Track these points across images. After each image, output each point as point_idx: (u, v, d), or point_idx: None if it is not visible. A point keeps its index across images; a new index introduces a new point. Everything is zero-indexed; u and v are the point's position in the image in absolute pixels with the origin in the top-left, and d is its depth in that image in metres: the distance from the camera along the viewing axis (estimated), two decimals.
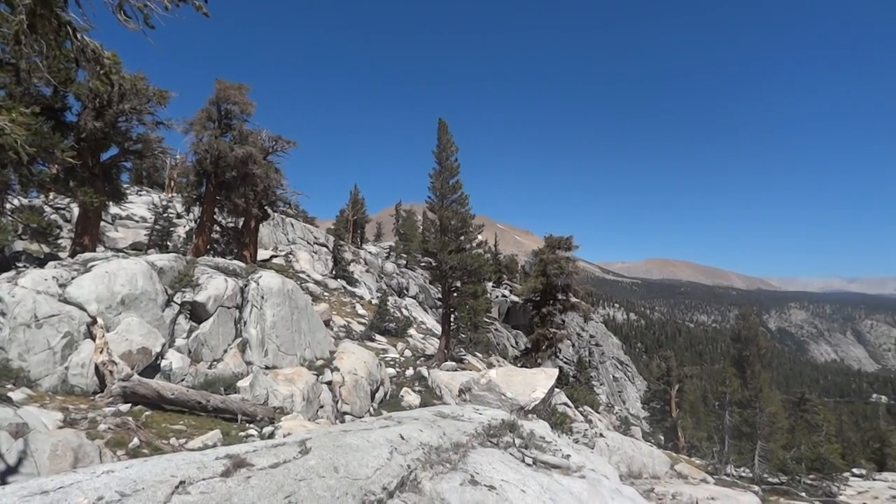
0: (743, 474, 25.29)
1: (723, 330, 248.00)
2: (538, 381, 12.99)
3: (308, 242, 47.44)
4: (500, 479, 6.28)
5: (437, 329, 37.50)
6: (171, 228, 34.78)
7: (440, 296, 29.17)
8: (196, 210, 29.61)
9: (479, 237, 32.62)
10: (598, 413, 38.58)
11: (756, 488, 19.19)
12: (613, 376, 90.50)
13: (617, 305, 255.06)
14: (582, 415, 30.19)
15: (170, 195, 48.46)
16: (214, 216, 28.87)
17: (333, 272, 41.64)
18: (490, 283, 74.23)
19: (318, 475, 4.77)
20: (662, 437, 45.07)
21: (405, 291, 51.13)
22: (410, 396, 19.50)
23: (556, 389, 20.88)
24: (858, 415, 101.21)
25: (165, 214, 34.41)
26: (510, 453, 7.46)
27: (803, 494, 21.35)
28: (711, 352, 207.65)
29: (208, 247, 28.58)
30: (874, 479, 30.66)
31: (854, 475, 32.52)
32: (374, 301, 37.60)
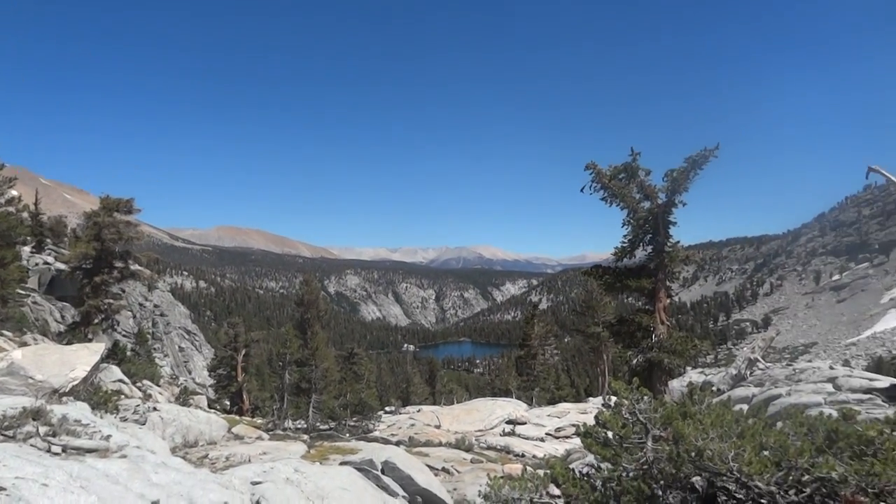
0: (298, 426, 27.61)
1: (289, 295, 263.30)
2: (79, 359, 11.46)
3: None
4: (12, 478, 5.34)
5: None
6: None
7: None
8: None
9: (13, 192, 27.61)
10: (160, 386, 36.50)
11: (305, 437, 21.20)
12: (180, 346, 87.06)
13: (186, 273, 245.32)
14: (140, 390, 28.16)
15: None
16: None
17: None
18: (28, 248, 62.02)
19: None
20: (228, 402, 45.55)
21: None
22: None
23: (106, 365, 18.91)
24: (394, 362, 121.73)
25: None
26: (31, 445, 6.42)
27: (347, 435, 24.55)
28: (279, 316, 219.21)
29: None
30: (400, 413, 37.34)
31: (386, 412, 38.97)
32: None
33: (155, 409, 14.24)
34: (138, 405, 13.91)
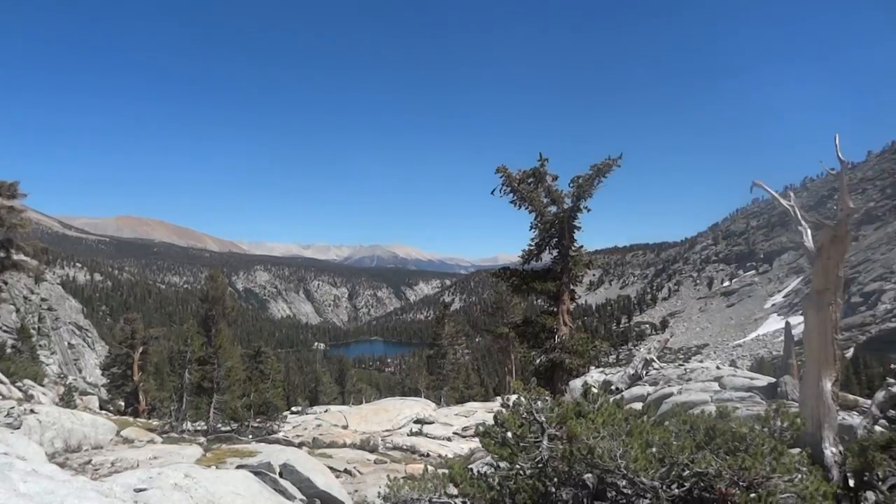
0: (198, 428, 26.39)
1: (194, 291, 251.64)
2: None
3: None
4: None
5: None
6: None
7: None
8: None
9: None
10: (44, 386, 33.95)
11: (202, 439, 20.27)
12: (69, 343, 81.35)
13: (79, 265, 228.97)
14: (20, 390, 26.04)
15: None
16: None
17: None
18: None
19: None
20: (123, 403, 42.99)
21: None
22: None
23: None
24: (303, 361, 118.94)
25: None
26: None
27: (249, 437, 23.69)
28: (182, 312, 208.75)
29: None
30: (307, 413, 36.54)
31: (292, 412, 37.99)
32: None
33: (32, 411, 13.12)
34: (13, 407, 12.77)
